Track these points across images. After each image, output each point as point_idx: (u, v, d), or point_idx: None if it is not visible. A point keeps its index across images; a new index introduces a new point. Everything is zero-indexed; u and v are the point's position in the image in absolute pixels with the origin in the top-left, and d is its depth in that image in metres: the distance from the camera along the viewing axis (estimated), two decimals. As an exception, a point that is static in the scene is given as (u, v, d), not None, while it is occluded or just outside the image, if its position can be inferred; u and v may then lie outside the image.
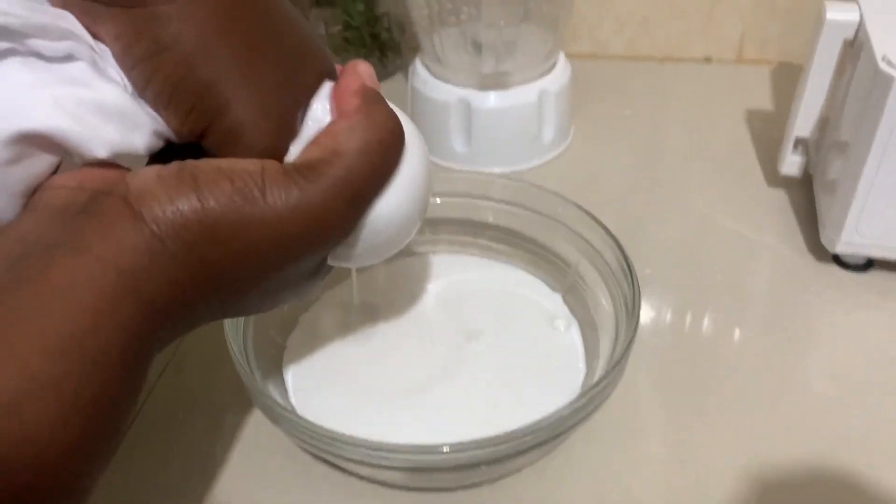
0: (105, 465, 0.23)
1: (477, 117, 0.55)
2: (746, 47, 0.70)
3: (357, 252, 0.29)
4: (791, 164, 0.53)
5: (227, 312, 0.28)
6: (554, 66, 0.57)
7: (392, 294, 0.44)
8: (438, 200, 0.45)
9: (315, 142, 0.27)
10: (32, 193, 0.26)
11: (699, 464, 0.37)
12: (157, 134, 0.26)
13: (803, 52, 0.49)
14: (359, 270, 0.42)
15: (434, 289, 0.44)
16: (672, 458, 0.38)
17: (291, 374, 0.40)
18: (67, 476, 0.21)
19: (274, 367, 0.40)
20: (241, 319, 0.38)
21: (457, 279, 0.45)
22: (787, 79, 0.67)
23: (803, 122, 0.51)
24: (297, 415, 0.32)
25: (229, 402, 0.42)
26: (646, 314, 0.45)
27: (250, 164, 0.25)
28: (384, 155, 0.27)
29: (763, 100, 0.65)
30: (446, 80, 0.56)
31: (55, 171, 0.26)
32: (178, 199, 0.24)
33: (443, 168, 0.58)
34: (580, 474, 0.37)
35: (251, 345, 0.37)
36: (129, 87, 0.25)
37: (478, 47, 0.54)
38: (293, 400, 0.38)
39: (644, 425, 0.39)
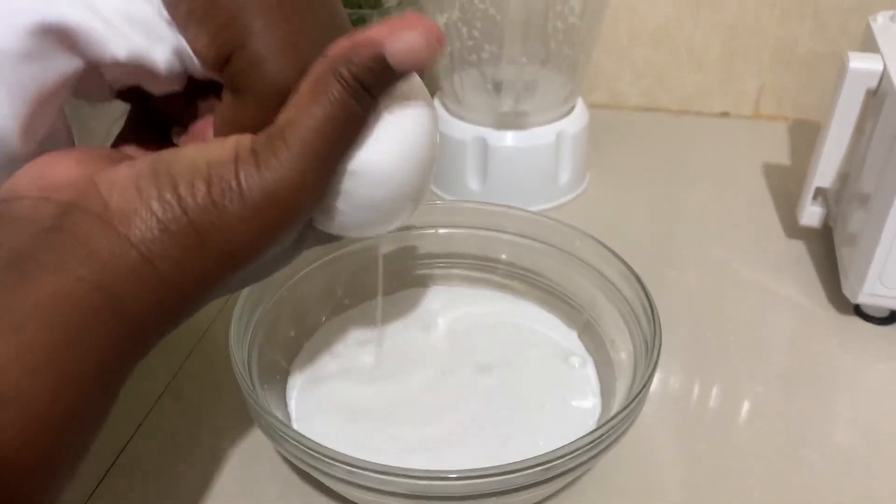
0: (67, 483, 0.22)
1: (493, 156, 0.55)
2: (763, 103, 0.70)
3: (345, 217, 0.28)
4: (811, 214, 0.52)
5: (205, 304, 0.27)
6: (572, 109, 0.57)
7: (402, 323, 0.42)
8: (452, 231, 0.44)
9: (283, 109, 0.26)
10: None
11: (718, 512, 0.36)
12: (178, 54, 0.26)
13: (820, 110, 0.49)
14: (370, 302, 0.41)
15: (445, 320, 0.43)
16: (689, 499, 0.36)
17: (295, 401, 0.38)
18: (27, 493, 0.20)
19: (277, 391, 0.38)
20: (246, 344, 0.36)
21: (469, 312, 0.43)
22: (804, 136, 0.67)
23: (824, 173, 0.50)
24: (299, 433, 0.30)
25: (227, 429, 0.40)
26: (663, 363, 0.43)
27: (224, 153, 0.24)
28: (345, 108, 0.25)
29: (780, 155, 0.65)
30: (463, 119, 0.56)
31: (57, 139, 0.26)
32: (163, 216, 0.23)
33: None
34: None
35: (255, 366, 0.36)
36: (157, 2, 0.25)
37: (497, 86, 0.54)
38: (296, 426, 0.37)
39: (660, 478, 0.37)
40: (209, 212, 0.24)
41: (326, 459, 0.29)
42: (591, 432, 0.30)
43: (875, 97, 0.47)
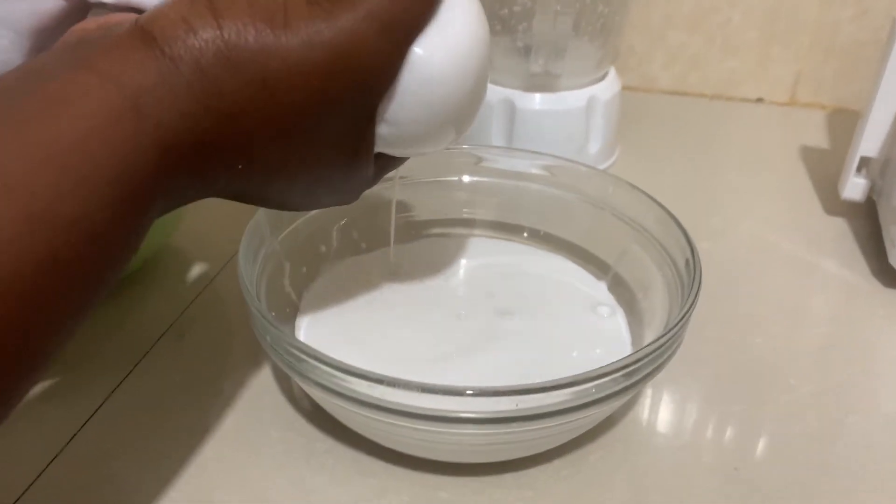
0: (64, 336, 0.19)
1: (521, 119, 0.53)
2: (800, 90, 0.67)
3: (403, 128, 0.26)
4: (854, 187, 0.49)
5: (250, 189, 0.24)
6: (605, 76, 0.55)
7: (423, 266, 0.40)
8: (477, 179, 0.42)
9: None
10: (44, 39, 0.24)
11: (754, 479, 0.33)
12: None
13: (861, 100, 0.47)
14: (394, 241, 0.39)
15: (468, 267, 0.40)
16: (723, 466, 0.33)
17: (304, 334, 0.36)
18: (16, 324, 0.18)
19: (286, 325, 0.36)
20: (255, 271, 0.34)
21: (491, 261, 0.41)
22: (843, 125, 0.64)
23: (870, 140, 0.47)
24: (320, 352, 0.28)
25: (230, 371, 0.38)
26: (697, 330, 0.40)
27: None
28: None
29: (818, 140, 0.62)
30: (490, 80, 0.54)
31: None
32: (192, 20, 0.21)
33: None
34: (617, 472, 0.32)
35: (264, 295, 0.34)
36: None
37: (528, 47, 0.52)
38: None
39: (694, 437, 0.35)
40: (245, 30, 0.22)
41: (346, 376, 0.27)
42: (627, 356, 0.27)
43: (928, 60, 0.45)
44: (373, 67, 0.24)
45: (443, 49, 0.25)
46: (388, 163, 0.29)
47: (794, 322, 0.42)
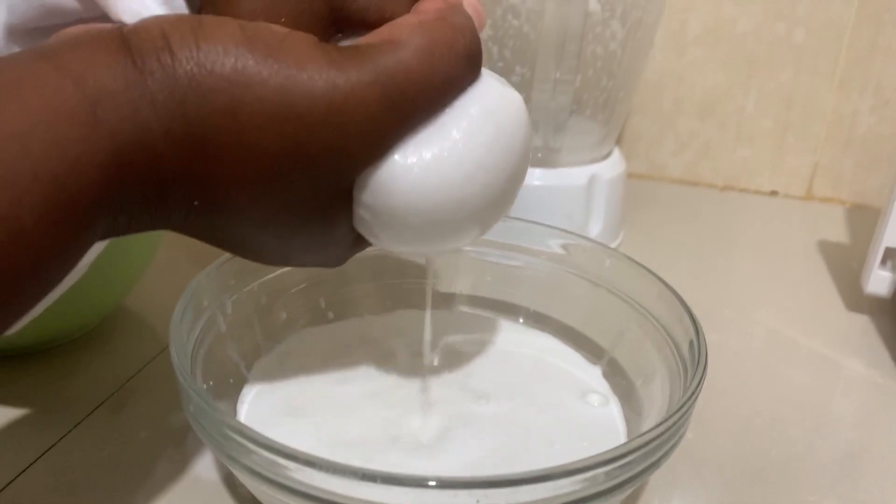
0: None
1: (519, 195, 0.49)
2: (818, 183, 0.64)
3: (389, 215, 0.22)
4: (879, 280, 0.45)
5: (211, 229, 0.22)
6: (608, 155, 0.52)
7: (397, 340, 0.36)
8: (466, 249, 0.38)
9: (375, 31, 0.22)
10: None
11: None
12: None
13: (881, 195, 0.43)
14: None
15: (447, 343, 0.36)
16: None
17: (247, 408, 0.31)
18: None
19: (225, 397, 0.31)
20: (200, 327, 0.30)
21: (475, 338, 0.36)
22: (863, 220, 0.60)
23: (895, 229, 0.43)
24: (263, 436, 0.23)
25: (167, 450, 0.33)
26: (703, 426, 0.35)
27: (275, 27, 0.21)
28: (451, 63, 0.22)
29: (837, 235, 0.58)
30: (489, 154, 0.51)
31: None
32: (172, 36, 0.19)
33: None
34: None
35: (201, 359, 0.29)
36: None
37: (527, 120, 0.49)
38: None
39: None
40: (226, 54, 0.20)
41: (271, 455, 0.22)
42: (615, 448, 0.22)
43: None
44: (359, 136, 0.21)
45: (454, 144, 0.22)
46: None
47: (815, 426, 0.37)
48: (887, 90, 0.60)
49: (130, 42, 0.19)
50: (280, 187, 0.21)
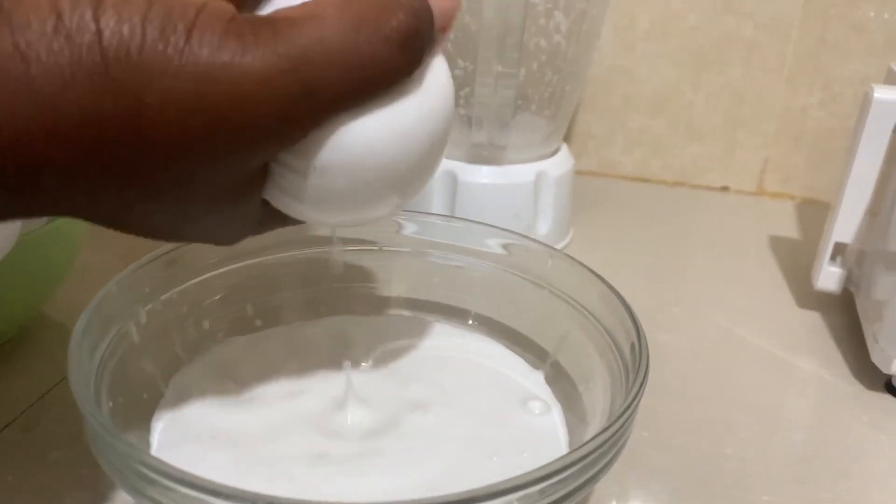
0: None
1: (464, 193, 0.48)
2: (768, 179, 0.63)
3: (308, 191, 0.22)
4: (829, 276, 0.44)
5: (99, 204, 0.19)
6: (556, 151, 0.51)
7: (329, 349, 0.33)
8: (396, 250, 0.36)
9: (302, 4, 0.20)
10: None
11: None
12: None
13: (830, 190, 0.43)
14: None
15: (383, 350, 0.34)
16: None
17: (161, 427, 0.29)
18: None
19: (140, 417, 0.29)
20: (109, 339, 0.28)
21: (407, 344, 0.35)
22: (814, 216, 0.60)
23: (844, 225, 0.42)
24: (173, 468, 0.21)
25: (79, 474, 0.30)
26: (651, 436, 0.34)
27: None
28: (382, 46, 0.20)
29: (788, 230, 0.58)
30: (432, 152, 0.49)
31: None
32: (64, 7, 0.17)
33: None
34: None
35: (109, 374, 0.27)
36: None
37: (470, 119, 0.48)
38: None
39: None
40: (127, 33, 0.17)
41: (168, 482, 0.20)
42: (549, 464, 0.21)
43: (904, 136, 0.40)
44: (275, 126, 0.19)
45: (385, 127, 0.21)
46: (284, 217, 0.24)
47: (767, 428, 0.36)
48: (836, 84, 0.59)
49: (10, 12, 0.17)
50: (189, 175, 0.19)
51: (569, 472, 0.21)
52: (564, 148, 0.52)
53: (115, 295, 0.28)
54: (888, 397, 0.38)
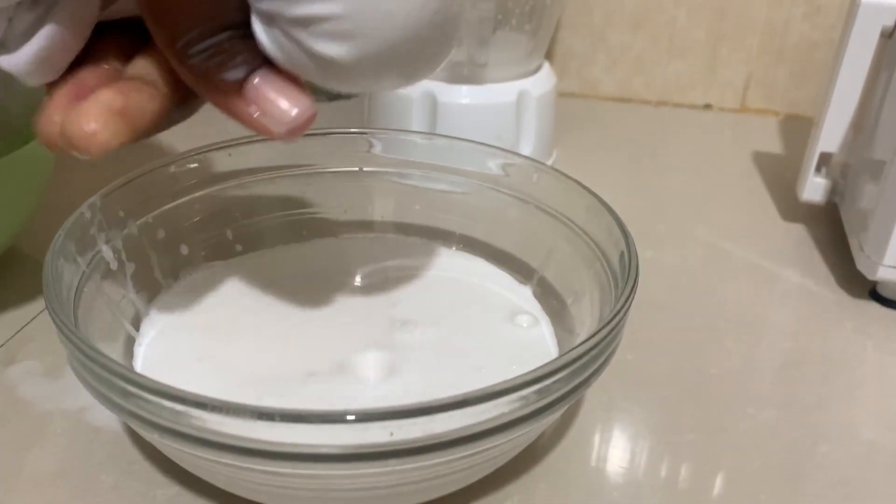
0: None
1: (444, 114, 0.47)
2: (751, 95, 0.63)
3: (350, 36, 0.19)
4: (814, 187, 0.44)
5: None
6: (538, 69, 0.49)
7: (313, 271, 0.33)
8: (378, 170, 0.36)
9: None
10: None
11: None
12: None
13: (814, 106, 0.42)
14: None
15: (368, 271, 0.33)
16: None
17: (143, 351, 0.28)
18: None
19: (122, 339, 0.28)
20: (86, 263, 0.27)
21: (393, 264, 0.34)
22: (797, 131, 0.59)
23: (830, 135, 0.42)
24: (116, 362, 0.20)
25: (62, 401, 0.30)
26: (643, 350, 0.34)
27: None
28: None
29: (771, 146, 0.57)
30: (410, 72, 0.48)
31: None
32: None
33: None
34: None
35: (86, 299, 0.26)
36: None
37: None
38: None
39: (639, 475, 0.28)
40: None
41: (148, 395, 0.20)
42: (553, 360, 0.21)
43: (891, 41, 0.40)
44: None
45: None
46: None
47: (753, 338, 0.36)
48: (819, -5, 0.58)
49: None
50: None
51: (560, 375, 0.21)
52: (546, 66, 0.50)
53: (87, 219, 0.27)
54: (873, 304, 0.39)
